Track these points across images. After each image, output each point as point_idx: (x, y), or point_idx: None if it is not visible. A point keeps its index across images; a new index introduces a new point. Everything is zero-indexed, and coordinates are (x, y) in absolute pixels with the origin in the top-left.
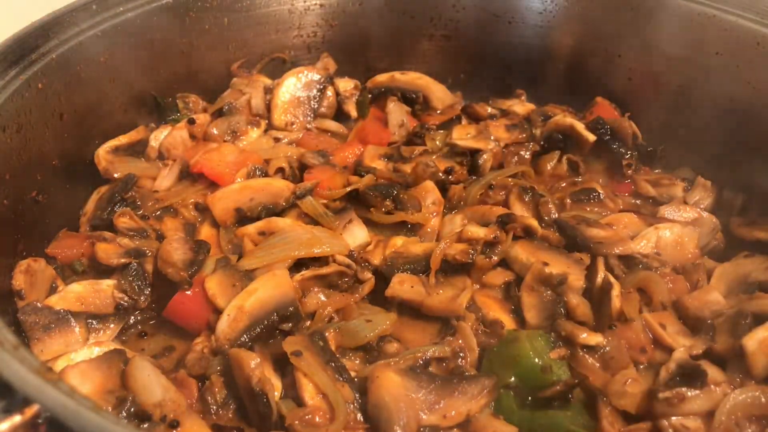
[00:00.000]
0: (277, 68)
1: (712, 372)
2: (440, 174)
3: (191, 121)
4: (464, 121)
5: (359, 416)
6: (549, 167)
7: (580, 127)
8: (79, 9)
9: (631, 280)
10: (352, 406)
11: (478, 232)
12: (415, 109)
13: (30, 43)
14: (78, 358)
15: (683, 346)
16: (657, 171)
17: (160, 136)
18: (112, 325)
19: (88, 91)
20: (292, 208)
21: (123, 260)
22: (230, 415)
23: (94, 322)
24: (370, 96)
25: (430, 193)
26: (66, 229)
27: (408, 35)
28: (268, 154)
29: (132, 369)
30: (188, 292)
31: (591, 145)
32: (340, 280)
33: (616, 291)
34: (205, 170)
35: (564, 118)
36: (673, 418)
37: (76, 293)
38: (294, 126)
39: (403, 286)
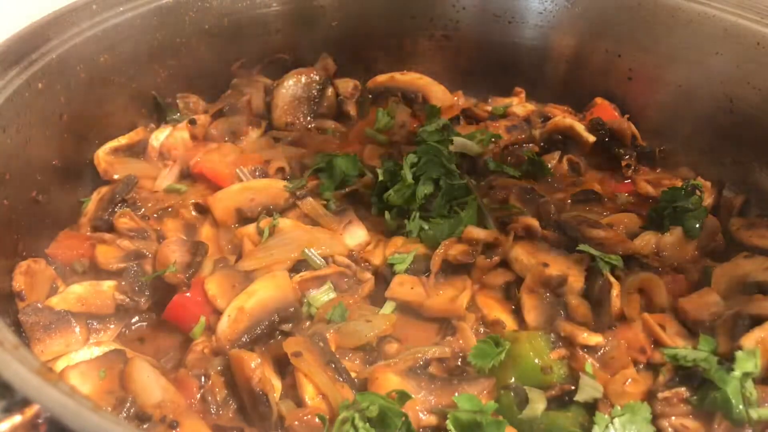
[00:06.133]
0: (278, 68)
1: None
2: None
3: (192, 122)
4: (464, 122)
5: None
6: (549, 168)
7: (579, 127)
8: (79, 9)
9: (631, 280)
10: None
11: (479, 232)
12: (414, 109)
13: (30, 43)
14: (78, 359)
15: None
16: (657, 171)
17: (160, 137)
18: (112, 326)
19: (88, 91)
20: (292, 209)
21: (122, 265)
22: (230, 415)
23: (94, 322)
24: (370, 96)
25: None
26: (66, 229)
27: (408, 35)
28: (268, 154)
29: (131, 370)
30: (187, 294)
31: (590, 145)
32: (340, 280)
33: (615, 291)
34: (205, 171)
35: (563, 119)
36: (673, 418)
37: (76, 294)
38: (294, 126)
39: (403, 287)
